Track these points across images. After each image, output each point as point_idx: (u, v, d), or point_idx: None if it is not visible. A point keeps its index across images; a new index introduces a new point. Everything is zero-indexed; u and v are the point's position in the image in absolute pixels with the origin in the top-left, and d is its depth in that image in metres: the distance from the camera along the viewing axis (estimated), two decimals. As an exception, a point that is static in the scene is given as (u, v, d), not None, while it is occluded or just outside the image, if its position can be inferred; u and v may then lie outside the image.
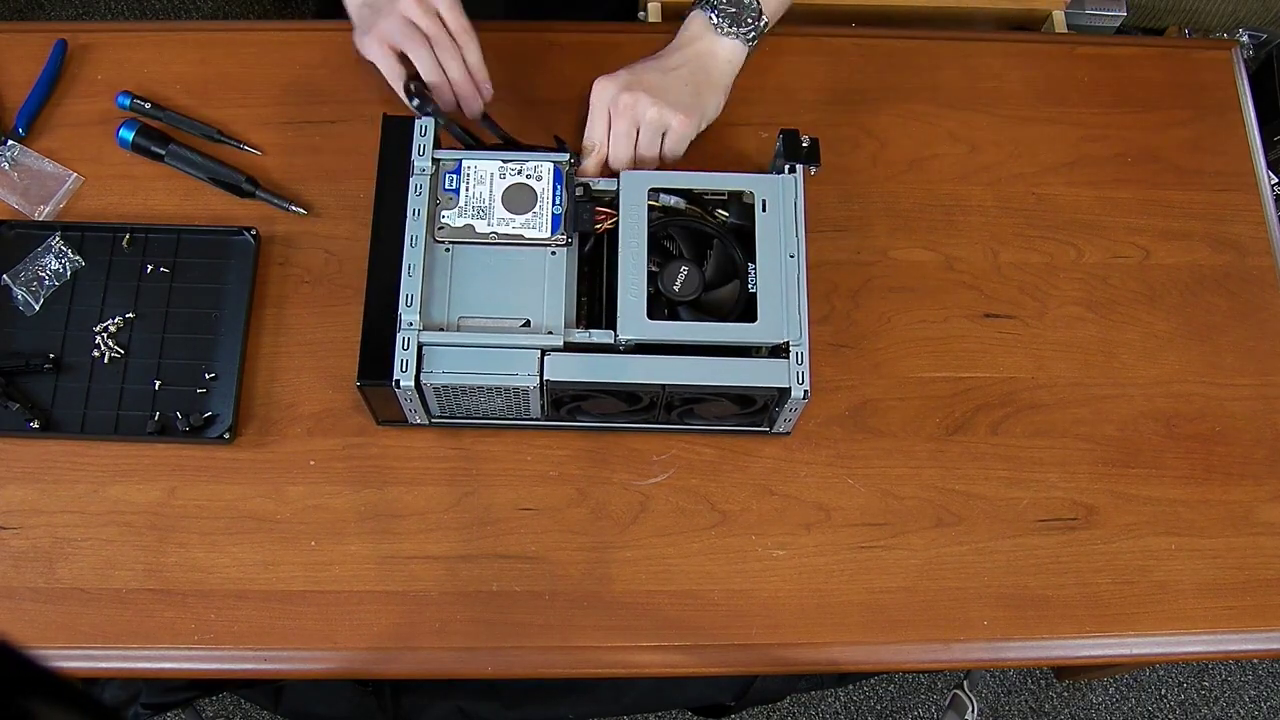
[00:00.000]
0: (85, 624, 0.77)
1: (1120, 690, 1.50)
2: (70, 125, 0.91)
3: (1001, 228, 0.92)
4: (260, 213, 0.88)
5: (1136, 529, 0.84)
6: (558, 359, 0.75)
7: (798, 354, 0.75)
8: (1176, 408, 0.88)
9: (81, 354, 0.83)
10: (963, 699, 1.26)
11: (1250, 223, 0.94)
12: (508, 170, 0.80)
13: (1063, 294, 0.90)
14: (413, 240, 0.76)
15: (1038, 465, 0.85)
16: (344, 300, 0.86)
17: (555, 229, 0.78)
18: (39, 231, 0.86)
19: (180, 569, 0.79)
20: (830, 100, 0.96)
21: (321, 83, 0.93)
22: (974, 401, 0.86)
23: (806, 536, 0.82)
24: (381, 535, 0.80)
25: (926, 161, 0.94)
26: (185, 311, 0.85)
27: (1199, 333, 0.90)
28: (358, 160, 0.90)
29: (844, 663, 0.81)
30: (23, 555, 0.79)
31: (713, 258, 0.79)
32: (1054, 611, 0.81)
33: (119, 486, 0.81)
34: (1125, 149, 0.96)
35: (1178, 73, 0.99)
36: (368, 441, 0.82)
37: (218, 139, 0.90)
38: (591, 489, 0.82)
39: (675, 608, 0.79)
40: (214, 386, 0.83)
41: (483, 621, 0.78)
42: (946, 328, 0.89)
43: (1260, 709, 1.51)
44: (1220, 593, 0.82)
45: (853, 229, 0.91)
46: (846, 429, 0.85)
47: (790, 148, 0.81)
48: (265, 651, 0.77)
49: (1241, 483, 0.86)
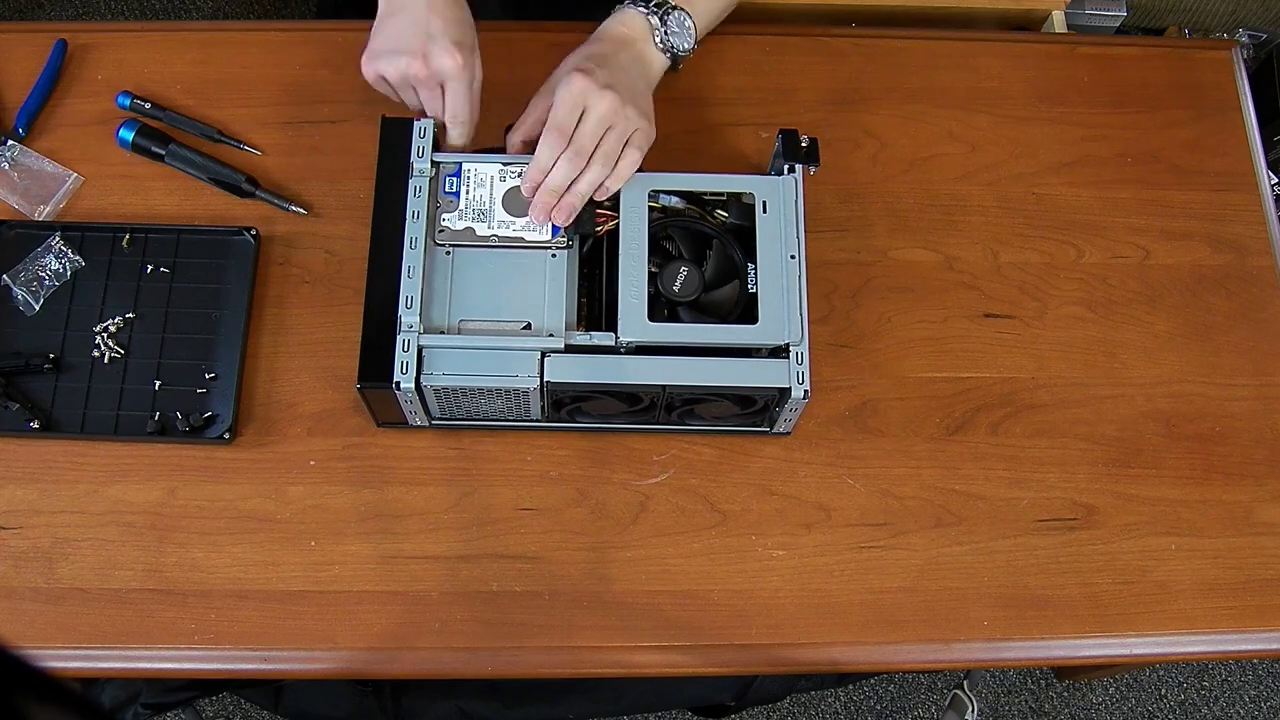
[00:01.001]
0: (85, 624, 0.77)
1: (1120, 690, 1.50)
2: (70, 125, 0.91)
3: (1001, 228, 0.92)
4: (260, 213, 0.89)
5: (1136, 529, 0.84)
6: (558, 360, 0.75)
7: (798, 354, 0.75)
8: (1176, 408, 0.88)
9: (81, 354, 0.83)
10: (963, 699, 1.26)
11: (1250, 223, 0.94)
12: (508, 173, 0.80)
13: (1063, 294, 0.90)
14: (412, 242, 0.76)
15: (1038, 465, 0.85)
16: (344, 300, 0.86)
17: (555, 231, 0.78)
18: (39, 231, 0.86)
19: (180, 569, 0.79)
20: (830, 100, 0.96)
21: (321, 83, 0.93)
22: (974, 401, 0.86)
23: (806, 536, 0.82)
24: (381, 535, 0.80)
25: (926, 161, 0.94)
26: (185, 311, 0.85)
27: (1199, 333, 0.90)
28: (358, 160, 0.90)
29: (844, 663, 0.81)
30: (23, 555, 0.79)
31: (712, 258, 0.79)
32: (1054, 611, 0.81)
33: (119, 486, 0.81)
34: (1125, 149, 0.96)
35: (1178, 73, 0.99)
36: (368, 441, 0.82)
37: (218, 139, 0.90)
38: (591, 489, 0.82)
39: (675, 608, 0.79)
40: (214, 386, 0.83)
41: (483, 621, 0.78)
42: (946, 328, 0.89)
43: (1260, 709, 1.51)
44: (1220, 593, 0.82)
45: (853, 229, 0.91)
46: (846, 429, 0.85)
47: (790, 148, 0.81)
48: (265, 651, 0.77)
49: (1241, 483, 0.86)
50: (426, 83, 0.79)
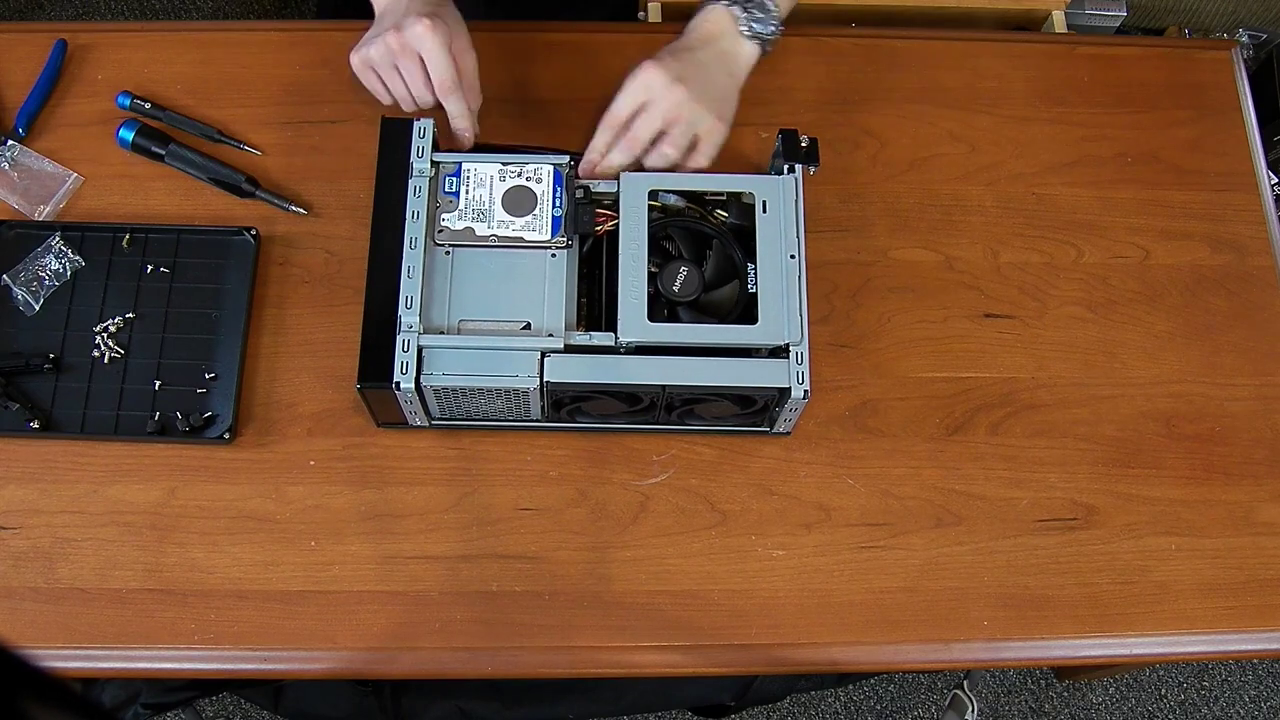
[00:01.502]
0: (85, 624, 0.77)
1: (1120, 690, 1.50)
2: (70, 125, 0.91)
3: (1001, 228, 0.92)
4: (260, 213, 0.88)
5: (1136, 529, 0.84)
6: (558, 360, 0.75)
7: (798, 354, 0.75)
8: (1176, 408, 0.88)
9: (81, 354, 0.83)
10: (963, 699, 1.25)
11: (1250, 223, 0.94)
12: (507, 173, 0.80)
13: (1063, 294, 0.90)
14: (412, 242, 0.76)
15: (1038, 465, 0.85)
16: (344, 300, 0.86)
17: (555, 231, 0.78)
18: (39, 231, 0.86)
19: (180, 569, 0.79)
20: (830, 100, 0.96)
21: (321, 83, 0.93)
22: (974, 401, 0.86)
23: (806, 536, 0.82)
24: (381, 535, 0.80)
25: (926, 161, 0.94)
26: (185, 311, 0.85)
27: (1199, 333, 0.90)
28: (358, 160, 0.90)
29: (844, 663, 0.81)
30: (23, 555, 0.79)
31: (712, 258, 0.79)
32: (1054, 611, 0.81)
33: (119, 486, 0.81)
34: (1125, 149, 0.96)
35: (1178, 73, 0.99)
36: (368, 442, 0.82)
37: (218, 139, 0.90)
38: (591, 489, 0.82)
39: (675, 608, 0.79)
40: (214, 386, 0.83)
41: (483, 621, 0.78)
42: (946, 328, 0.89)
43: (1260, 709, 1.51)
44: (1220, 593, 0.82)
45: (853, 229, 0.91)
46: (846, 429, 0.85)
47: (789, 148, 0.81)
48: (265, 651, 0.77)
49: (1241, 483, 0.86)
50: (403, 53, 0.80)
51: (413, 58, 0.80)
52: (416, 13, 0.79)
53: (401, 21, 0.79)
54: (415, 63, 0.80)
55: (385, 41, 0.80)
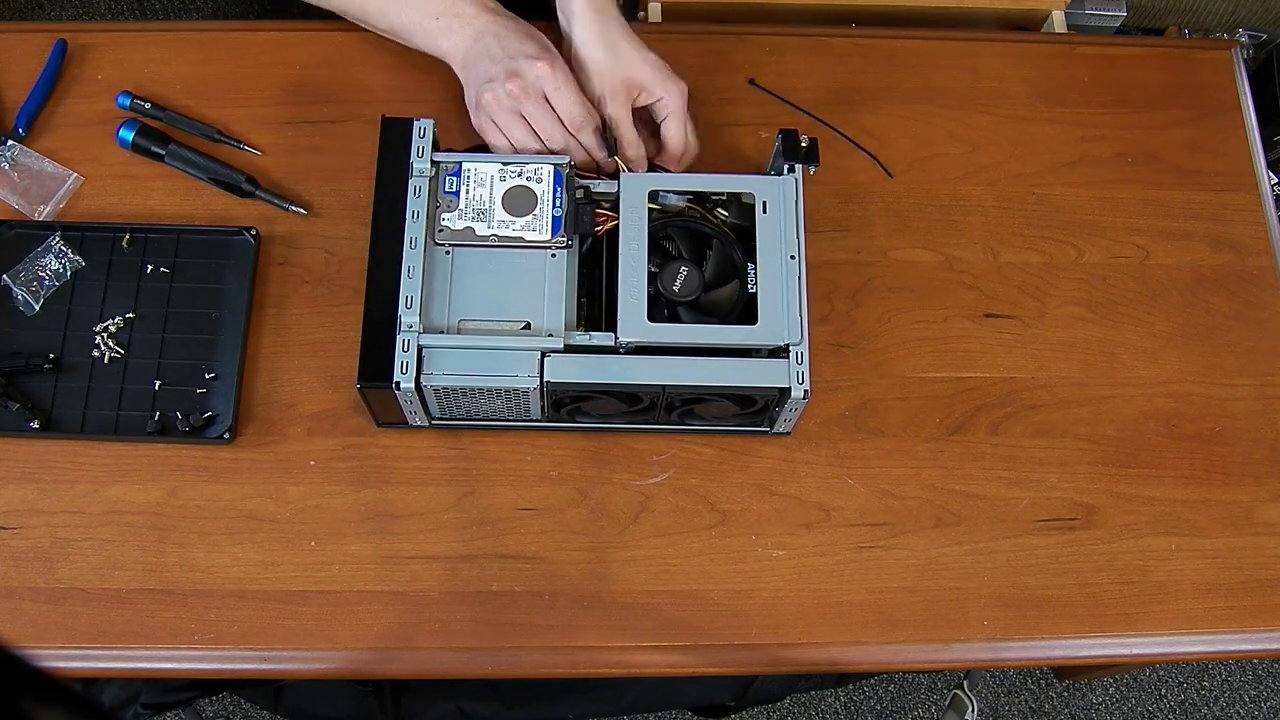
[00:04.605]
0: (85, 624, 0.77)
1: (1120, 690, 1.50)
2: (70, 125, 0.91)
3: (1001, 228, 0.92)
4: (260, 213, 0.89)
5: (1136, 529, 0.84)
6: (558, 360, 0.75)
7: (798, 354, 0.75)
8: (1176, 408, 0.88)
9: (81, 354, 0.83)
10: (963, 699, 1.25)
11: (1250, 223, 0.94)
12: (508, 173, 0.80)
13: (1063, 294, 0.90)
14: (412, 242, 0.76)
15: (1038, 465, 0.85)
16: (344, 300, 0.86)
17: (555, 231, 0.78)
18: (39, 231, 0.86)
19: (180, 569, 0.79)
20: (830, 100, 0.96)
21: (321, 83, 0.93)
22: (974, 401, 0.86)
23: (806, 536, 0.82)
24: (381, 535, 0.80)
25: (926, 161, 0.94)
26: (185, 311, 0.85)
27: (1199, 333, 0.90)
28: (358, 160, 0.90)
29: (844, 663, 0.81)
30: (23, 555, 0.79)
31: (712, 258, 0.79)
32: (1054, 611, 0.81)
33: (119, 486, 0.81)
34: (1125, 149, 0.96)
35: (1178, 73, 0.99)
36: (368, 442, 0.82)
37: (218, 139, 0.90)
38: (591, 489, 0.82)
39: (675, 608, 0.79)
40: (214, 386, 0.83)
41: (483, 621, 0.78)
42: (946, 328, 0.89)
43: (1260, 709, 1.51)
44: (1220, 593, 0.82)
45: (853, 229, 0.91)
46: (846, 429, 0.85)
47: (789, 148, 0.81)
48: (265, 651, 0.77)
49: (1241, 483, 0.86)
50: (527, 97, 0.80)
51: (538, 101, 0.80)
52: (526, 54, 0.80)
53: (515, 66, 0.79)
54: (542, 106, 0.80)
55: (506, 89, 0.79)
